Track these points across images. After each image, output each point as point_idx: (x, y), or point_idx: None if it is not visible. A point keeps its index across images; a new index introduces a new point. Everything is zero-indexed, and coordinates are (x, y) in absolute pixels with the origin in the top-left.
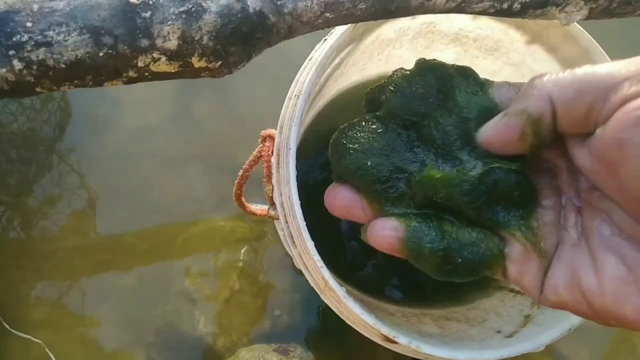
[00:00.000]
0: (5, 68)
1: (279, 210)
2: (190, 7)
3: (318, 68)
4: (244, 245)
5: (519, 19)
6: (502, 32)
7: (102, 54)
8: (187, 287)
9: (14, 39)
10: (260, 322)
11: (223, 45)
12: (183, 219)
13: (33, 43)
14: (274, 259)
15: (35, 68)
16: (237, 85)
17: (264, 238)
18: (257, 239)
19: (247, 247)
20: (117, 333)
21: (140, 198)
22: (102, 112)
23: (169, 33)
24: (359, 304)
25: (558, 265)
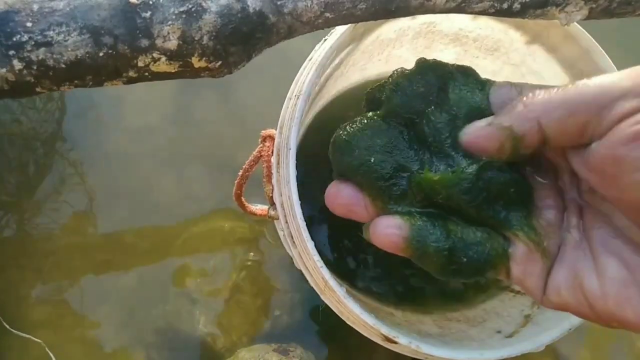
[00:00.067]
0: (5, 68)
1: (279, 210)
2: (190, 7)
3: (318, 68)
4: (244, 245)
5: (519, 19)
6: (502, 32)
7: (102, 54)
8: (187, 287)
9: (14, 39)
10: (260, 322)
11: (223, 45)
12: (183, 219)
13: (33, 43)
14: (274, 259)
15: (35, 68)
16: (237, 85)
17: (264, 238)
18: (257, 239)
19: (247, 247)
20: (117, 333)
21: (140, 198)
22: (102, 112)
23: (169, 33)
24: (359, 304)
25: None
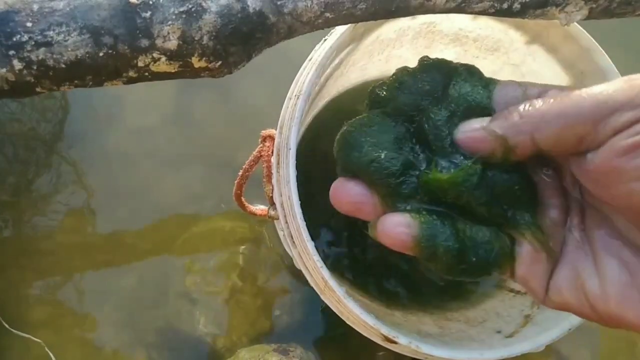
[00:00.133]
0: (5, 68)
1: (279, 210)
2: (190, 7)
3: (318, 68)
4: (244, 246)
5: (519, 19)
6: (502, 32)
7: (102, 54)
8: (187, 287)
9: (14, 39)
10: (260, 322)
11: (223, 45)
12: (183, 219)
13: (33, 43)
14: (274, 259)
15: (35, 68)
16: (237, 85)
17: (264, 238)
18: (257, 239)
19: (247, 247)
20: (117, 333)
21: (140, 198)
22: (102, 112)
23: (169, 33)
24: (359, 304)
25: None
